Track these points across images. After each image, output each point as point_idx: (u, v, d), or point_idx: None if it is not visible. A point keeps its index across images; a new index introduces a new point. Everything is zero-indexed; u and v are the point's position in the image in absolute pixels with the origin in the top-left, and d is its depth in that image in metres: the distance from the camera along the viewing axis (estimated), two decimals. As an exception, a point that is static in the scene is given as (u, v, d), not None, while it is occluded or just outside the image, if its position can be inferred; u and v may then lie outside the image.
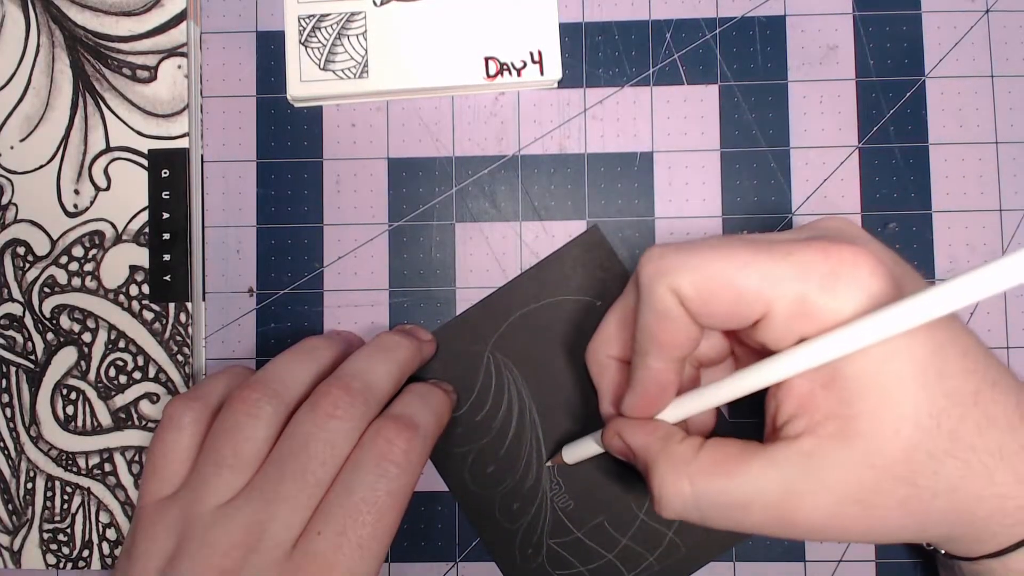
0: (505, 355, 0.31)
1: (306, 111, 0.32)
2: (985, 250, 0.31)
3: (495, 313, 0.31)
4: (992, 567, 0.23)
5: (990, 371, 0.21)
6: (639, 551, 0.30)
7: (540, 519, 0.30)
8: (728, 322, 0.22)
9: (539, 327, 0.31)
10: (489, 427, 0.31)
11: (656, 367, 0.23)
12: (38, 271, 0.31)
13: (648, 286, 0.22)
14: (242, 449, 0.25)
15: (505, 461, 0.30)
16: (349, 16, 0.31)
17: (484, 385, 0.31)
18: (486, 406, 0.31)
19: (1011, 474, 0.21)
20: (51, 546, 0.31)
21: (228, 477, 0.24)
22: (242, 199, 0.32)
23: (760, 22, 0.32)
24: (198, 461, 0.25)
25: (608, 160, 0.31)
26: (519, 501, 0.30)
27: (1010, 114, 0.31)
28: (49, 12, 0.31)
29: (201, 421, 0.26)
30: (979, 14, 0.31)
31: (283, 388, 0.26)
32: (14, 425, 0.31)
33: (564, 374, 0.30)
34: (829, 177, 0.31)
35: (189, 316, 0.31)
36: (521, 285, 0.31)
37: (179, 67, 0.31)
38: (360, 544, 0.24)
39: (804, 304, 0.21)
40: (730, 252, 0.21)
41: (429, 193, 0.32)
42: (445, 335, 0.31)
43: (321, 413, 0.25)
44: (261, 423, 0.25)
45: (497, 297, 0.31)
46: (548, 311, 0.31)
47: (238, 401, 0.25)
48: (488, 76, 0.31)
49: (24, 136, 0.31)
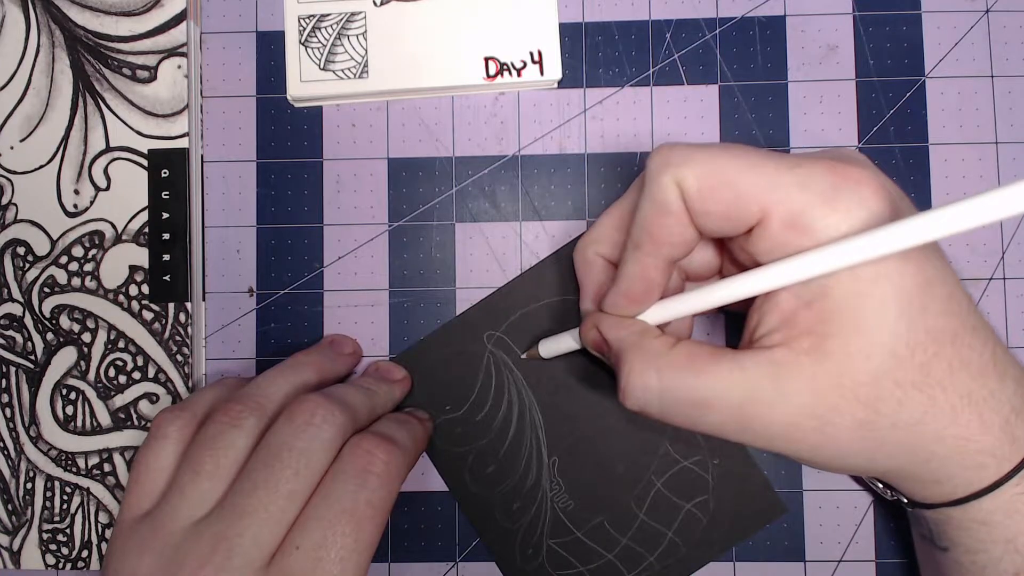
0: (506, 355, 0.31)
1: (306, 111, 0.32)
2: (985, 250, 0.31)
3: (495, 313, 0.31)
4: (952, 515, 0.23)
5: (970, 317, 0.21)
6: (639, 551, 0.30)
7: (540, 519, 0.30)
8: (724, 225, 0.22)
9: (540, 327, 0.31)
10: (489, 427, 0.31)
11: (646, 263, 0.23)
12: (38, 271, 0.31)
13: (653, 176, 0.22)
14: (221, 458, 0.24)
15: (505, 461, 0.30)
16: (349, 16, 0.31)
17: (484, 385, 0.31)
18: (486, 406, 0.31)
19: (976, 418, 0.21)
20: (50, 546, 0.31)
21: (205, 486, 0.24)
22: (242, 199, 0.32)
23: (760, 22, 0.32)
24: (177, 472, 0.25)
25: (608, 160, 0.31)
26: (519, 501, 0.30)
27: (1010, 114, 0.31)
28: (49, 12, 0.31)
29: (185, 432, 0.26)
30: (979, 14, 0.31)
31: (267, 400, 0.26)
32: (14, 425, 0.31)
33: (566, 374, 0.30)
34: (829, 177, 0.31)
35: (189, 316, 0.31)
36: (521, 285, 0.31)
37: (179, 67, 0.31)
38: (341, 557, 0.23)
39: (801, 216, 0.20)
40: (737, 154, 0.21)
41: (429, 193, 0.32)
42: (445, 335, 0.31)
43: (298, 421, 0.25)
44: (242, 432, 0.25)
45: (497, 297, 0.31)
46: (548, 311, 0.31)
47: (221, 412, 0.25)
48: (488, 76, 0.31)
49: (24, 136, 0.31)
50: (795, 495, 0.30)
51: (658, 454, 0.30)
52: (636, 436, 0.30)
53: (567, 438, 0.30)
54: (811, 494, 0.30)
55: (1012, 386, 0.22)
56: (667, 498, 0.30)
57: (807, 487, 0.31)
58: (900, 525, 0.30)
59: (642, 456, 0.30)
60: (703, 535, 0.30)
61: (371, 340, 0.31)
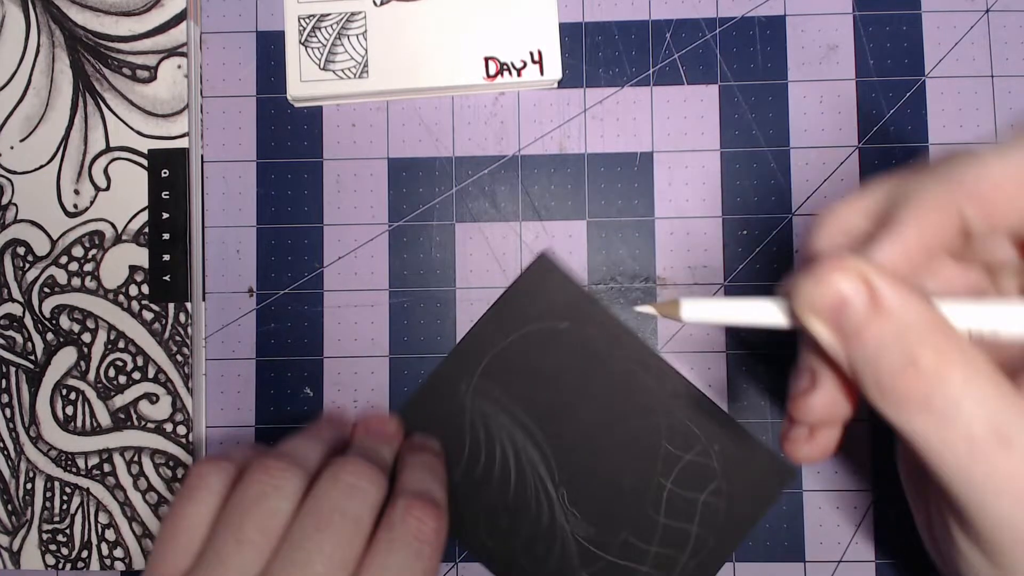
0: (485, 401, 0.30)
1: (306, 111, 0.32)
2: (985, 250, 0.31)
3: (466, 363, 0.30)
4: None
5: None
6: (670, 554, 0.30)
7: (568, 554, 0.30)
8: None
9: (513, 364, 0.30)
10: (490, 479, 0.30)
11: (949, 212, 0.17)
12: (38, 271, 0.31)
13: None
14: (267, 525, 0.23)
15: (516, 508, 0.30)
16: (349, 16, 0.31)
17: (473, 439, 0.30)
18: (481, 460, 0.30)
19: None
20: (50, 547, 0.31)
21: (248, 556, 0.22)
22: (242, 199, 0.32)
23: (760, 22, 0.32)
24: (215, 534, 0.23)
25: (608, 160, 0.31)
26: (542, 542, 0.30)
27: (1010, 114, 0.31)
28: (49, 12, 0.31)
29: (226, 487, 0.24)
30: (979, 14, 0.31)
31: (304, 460, 0.25)
32: (14, 425, 0.31)
33: (550, 400, 0.30)
34: (829, 177, 0.31)
35: (189, 316, 0.31)
36: (484, 329, 0.31)
37: (179, 67, 0.31)
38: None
39: None
40: None
41: (429, 193, 0.32)
42: (421, 401, 0.31)
43: (344, 483, 0.23)
44: (285, 496, 0.23)
45: (464, 347, 0.31)
46: (518, 346, 0.30)
47: (260, 471, 0.24)
48: (488, 76, 0.31)
49: (24, 136, 0.31)
50: (795, 495, 0.30)
51: (659, 456, 0.30)
52: (634, 446, 0.30)
53: (568, 466, 0.30)
54: (811, 494, 0.30)
55: None
56: (681, 496, 0.30)
57: (807, 487, 0.31)
58: (900, 525, 0.30)
59: (644, 463, 0.30)
60: (725, 520, 0.30)
61: (371, 340, 0.31)
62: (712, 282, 0.31)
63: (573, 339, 0.30)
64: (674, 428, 0.30)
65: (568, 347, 0.30)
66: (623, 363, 0.30)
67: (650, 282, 0.31)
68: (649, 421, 0.30)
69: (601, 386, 0.30)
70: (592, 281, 0.31)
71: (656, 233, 0.31)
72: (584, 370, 0.30)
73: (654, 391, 0.30)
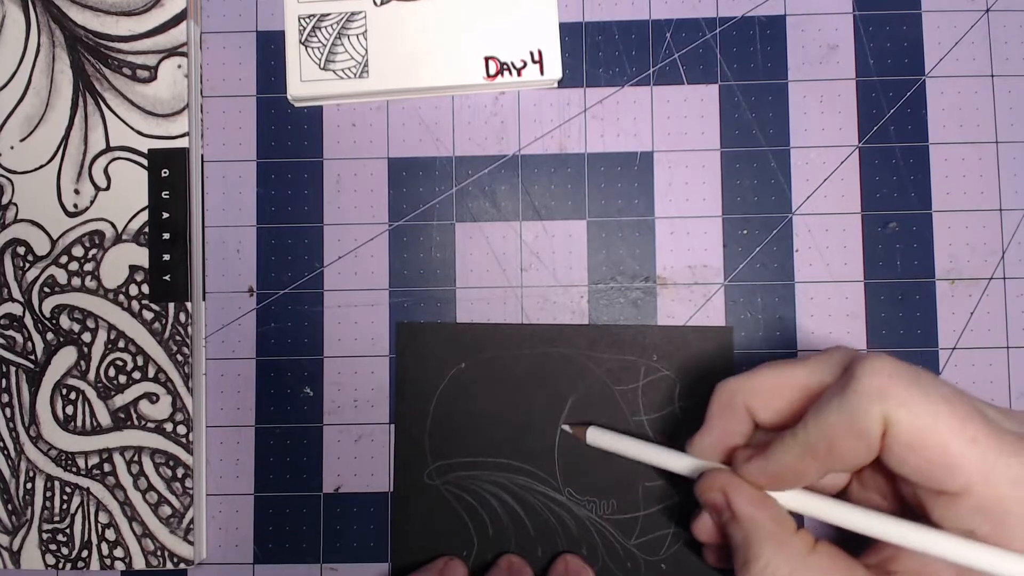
0: (451, 473, 0.30)
1: (306, 111, 0.32)
2: (985, 249, 0.31)
3: (413, 454, 0.30)
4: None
5: None
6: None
7: (615, 541, 0.30)
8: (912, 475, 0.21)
9: (449, 425, 0.30)
10: (506, 533, 0.30)
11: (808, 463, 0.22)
12: (38, 271, 0.31)
13: (861, 401, 0.21)
14: None
15: (540, 533, 0.30)
16: (349, 16, 0.31)
17: (469, 512, 0.30)
18: (487, 521, 0.30)
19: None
20: (50, 546, 0.31)
21: None
22: (242, 199, 0.32)
23: (760, 22, 0.32)
24: None
25: (608, 160, 0.31)
26: (575, 545, 0.30)
27: (1010, 114, 0.31)
28: (49, 12, 0.31)
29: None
30: (979, 14, 0.31)
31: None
32: (14, 425, 0.31)
33: (502, 429, 0.30)
34: (829, 177, 0.31)
35: (189, 316, 0.31)
36: (404, 419, 0.31)
37: (179, 67, 0.31)
38: None
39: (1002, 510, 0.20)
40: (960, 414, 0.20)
41: (429, 193, 0.32)
42: (406, 519, 0.30)
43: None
44: None
45: (401, 446, 0.30)
46: (441, 409, 0.30)
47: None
48: (488, 76, 0.31)
49: (24, 136, 0.31)
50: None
51: (618, 400, 0.30)
52: (593, 410, 0.30)
53: (557, 467, 0.30)
54: (811, 494, 0.30)
55: None
56: (656, 418, 0.30)
57: (807, 487, 0.31)
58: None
59: (614, 414, 0.30)
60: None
61: (371, 340, 0.31)
62: (712, 282, 0.31)
63: (479, 369, 0.31)
64: (611, 371, 0.30)
65: (479, 378, 0.30)
66: (528, 354, 0.31)
67: (650, 282, 0.31)
68: (589, 379, 0.30)
69: (531, 384, 0.30)
70: (592, 281, 0.31)
71: (656, 233, 0.31)
72: (506, 383, 0.30)
73: (573, 356, 0.30)
